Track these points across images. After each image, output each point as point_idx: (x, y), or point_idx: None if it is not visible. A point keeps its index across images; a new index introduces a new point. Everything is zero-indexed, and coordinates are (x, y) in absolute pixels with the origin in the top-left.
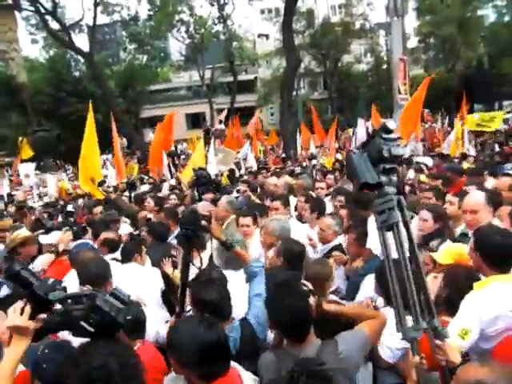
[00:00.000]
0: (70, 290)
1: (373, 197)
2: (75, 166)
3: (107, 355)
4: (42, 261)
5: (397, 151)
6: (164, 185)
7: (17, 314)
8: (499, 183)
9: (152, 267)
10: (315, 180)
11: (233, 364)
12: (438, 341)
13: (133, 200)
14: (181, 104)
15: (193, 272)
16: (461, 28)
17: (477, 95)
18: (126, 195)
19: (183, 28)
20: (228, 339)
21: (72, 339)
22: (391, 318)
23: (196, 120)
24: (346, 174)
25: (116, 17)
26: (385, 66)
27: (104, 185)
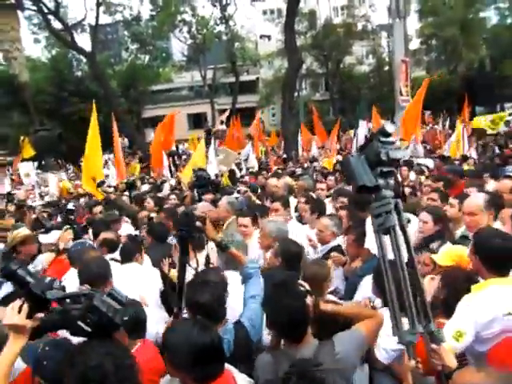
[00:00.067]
0: (70, 289)
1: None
2: (76, 166)
3: (103, 355)
4: (43, 259)
5: (394, 154)
6: (165, 185)
7: (14, 313)
8: (500, 186)
9: (151, 267)
10: (316, 181)
11: (227, 366)
12: (434, 345)
13: (133, 200)
14: (182, 104)
15: (190, 273)
16: (463, 30)
17: (479, 97)
18: (126, 195)
19: (185, 28)
20: (222, 341)
21: (72, 337)
22: (388, 320)
23: (198, 120)
24: (344, 177)
25: (118, 17)
26: (386, 68)
27: (103, 185)
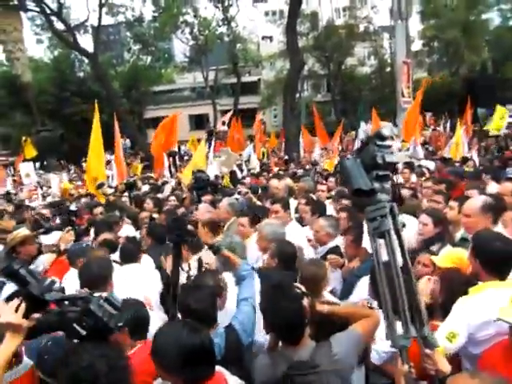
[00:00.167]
0: (70, 289)
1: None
2: (78, 166)
3: (96, 357)
4: (44, 260)
5: (390, 158)
6: (166, 186)
7: (11, 311)
8: (502, 188)
9: (152, 268)
10: (316, 182)
11: (219, 368)
12: (428, 350)
13: (132, 201)
14: (184, 105)
15: (182, 276)
16: (465, 32)
17: (480, 99)
18: (126, 195)
19: (187, 29)
20: (212, 343)
21: None
22: (383, 322)
23: (199, 121)
24: (340, 180)
25: (121, 18)
26: (388, 69)
27: (103, 187)
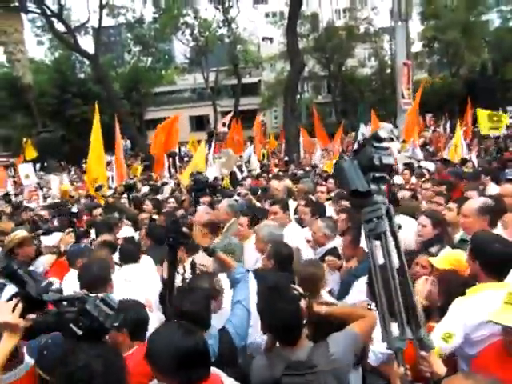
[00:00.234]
0: (70, 290)
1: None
2: (78, 168)
3: (92, 357)
4: (44, 261)
5: (387, 160)
6: (165, 187)
7: (8, 311)
8: (503, 190)
9: (152, 269)
10: (316, 184)
11: (215, 370)
12: (424, 352)
13: (131, 202)
14: (185, 106)
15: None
16: (465, 33)
17: (480, 100)
18: (125, 197)
19: (188, 31)
20: (207, 345)
21: None
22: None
23: (200, 122)
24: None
25: (121, 19)
26: (389, 71)
27: (101, 189)
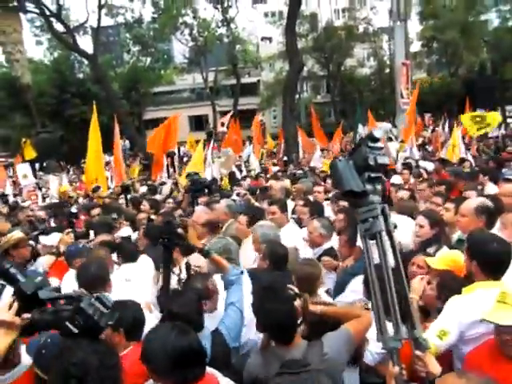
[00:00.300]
0: (69, 290)
1: None
2: (77, 168)
3: (88, 353)
4: (43, 262)
5: (382, 160)
6: (163, 187)
7: (4, 309)
8: (503, 190)
9: (150, 268)
10: (314, 184)
11: (211, 370)
12: (419, 351)
13: (129, 203)
14: (184, 106)
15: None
16: (464, 33)
17: (479, 100)
18: (122, 198)
19: (187, 31)
20: (201, 345)
21: None
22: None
23: (199, 122)
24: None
25: (120, 19)
26: (387, 70)
27: (98, 190)
